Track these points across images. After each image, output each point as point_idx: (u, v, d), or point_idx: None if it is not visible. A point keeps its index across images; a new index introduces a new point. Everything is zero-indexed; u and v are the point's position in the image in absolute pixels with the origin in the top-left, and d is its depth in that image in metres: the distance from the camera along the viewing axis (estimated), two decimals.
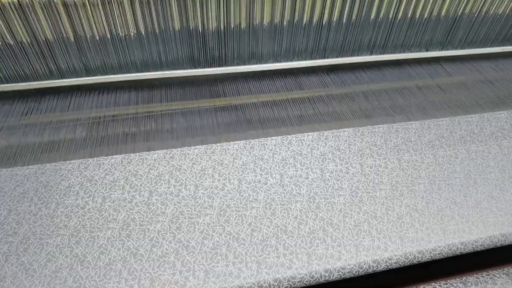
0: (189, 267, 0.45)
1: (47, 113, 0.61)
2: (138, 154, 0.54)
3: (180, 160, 0.54)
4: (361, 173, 0.55)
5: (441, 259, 0.50)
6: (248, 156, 0.55)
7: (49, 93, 0.63)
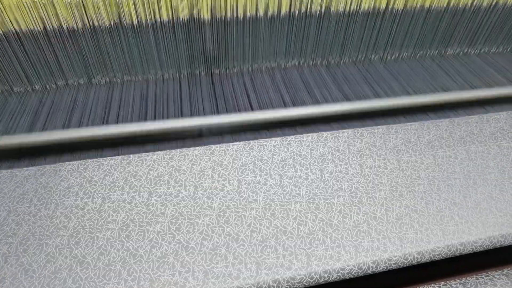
0: (189, 268, 0.45)
1: None
2: (137, 155, 0.54)
3: (179, 161, 0.54)
4: (360, 174, 0.55)
5: (441, 260, 0.50)
6: (248, 157, 0.55)
7: None
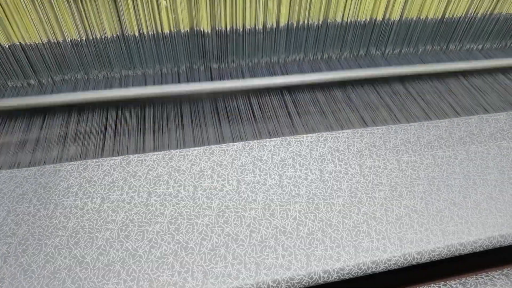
0: (188, 268, 0.45)
1: None
2: (137, 155, 0.54)
3: (179, 161, 0.54)
4: (360, 174, 0.55)
5: (440, 260, 0.50)
6: (247, 157, 0.55)
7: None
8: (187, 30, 0.61)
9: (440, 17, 0.71)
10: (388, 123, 0.63)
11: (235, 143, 0.56)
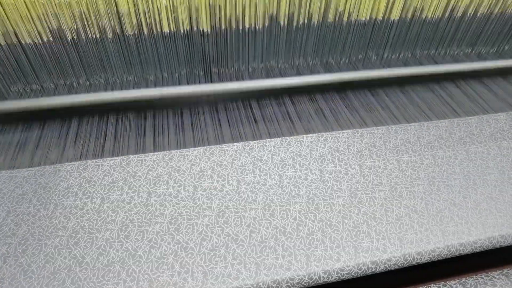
0: (188, 268, 0.45)
1: None
2: (137, 156, 0.54)
3: (179, 161, 0.54)
4: (360, 174, 0.55)
5: (440, 260, 0.50)
6: (247, 157, 0.55)
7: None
8: (187, 30, 0.62)
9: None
10: (388, 124, 0.63)
11: (235, 143, 0.56)
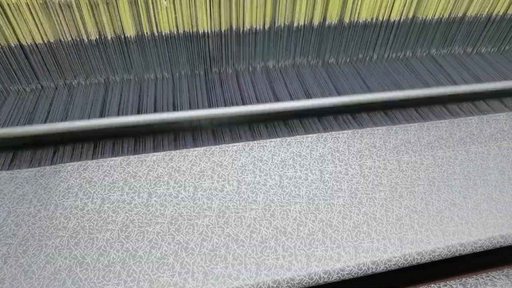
0: (188, 268, 0.45)
1: None
2: (137, 156, 0.54)
3: (179, 162, 0.54)
4: (360, 175, 0.55)
5: (440, 260, 0.50)
6: (247, 158, 0.55)
7: None
8: (187, 30, 0.62)
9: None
10: (388, 124, 0.63)
11: (235, 144, 0.56)
